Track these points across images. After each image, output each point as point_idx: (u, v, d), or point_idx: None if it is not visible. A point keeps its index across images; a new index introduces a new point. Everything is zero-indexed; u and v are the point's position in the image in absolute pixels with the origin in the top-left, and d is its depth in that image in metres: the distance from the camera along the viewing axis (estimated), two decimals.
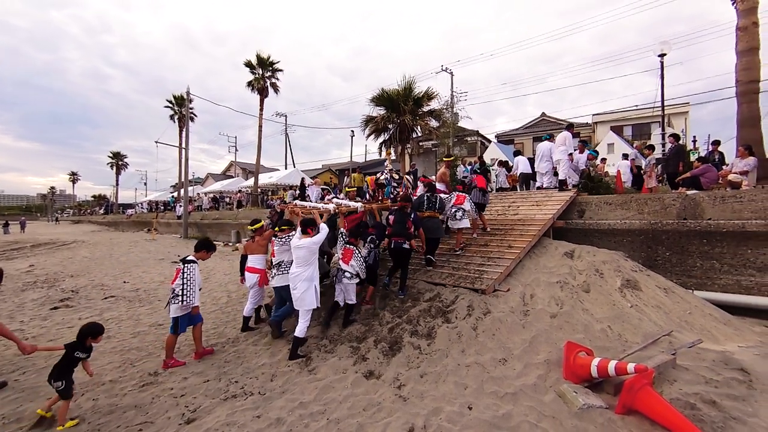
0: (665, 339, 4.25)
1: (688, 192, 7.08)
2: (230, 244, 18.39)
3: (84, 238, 24.65)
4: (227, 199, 28.04)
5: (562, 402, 3.32)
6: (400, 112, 15.51)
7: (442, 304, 5.40)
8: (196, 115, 33.47)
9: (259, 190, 25.75)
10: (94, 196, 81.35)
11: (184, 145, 24.47)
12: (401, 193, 7.38)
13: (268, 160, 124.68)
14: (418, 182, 8.92)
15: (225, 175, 47.31)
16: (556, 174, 9.60)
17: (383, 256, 6.78)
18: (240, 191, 26.29)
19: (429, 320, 5.08)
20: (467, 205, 6.76)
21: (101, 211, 54.06)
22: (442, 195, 7.07)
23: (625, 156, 12.56)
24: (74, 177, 76.23)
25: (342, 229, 5.94)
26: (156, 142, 26.14)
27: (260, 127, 25.01)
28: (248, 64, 24.04)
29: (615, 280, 5.51)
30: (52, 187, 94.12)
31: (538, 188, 10.15)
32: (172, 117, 34.30)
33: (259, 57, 23.86)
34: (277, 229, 5.49)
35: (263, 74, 24.25)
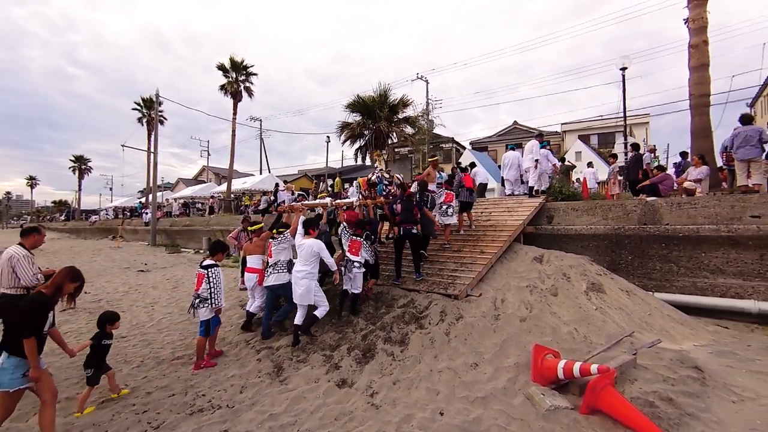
0: (627, 340, 4.43)
1: (648, 198, 7.46)
2: (201, 251, 17.84)
3: (42, 246, 23.23)
4: (199, 205, 27.20)
5: (530, 404, 3.40)
6: (375, 118, 15.63)
7: (415, 310, 5.43)
8: (166, 119, 32.51)
9: (232, 195, 25.15)
10: (54, 202, 77.07)
11: (153, 149, 23.63)
12: (393, 190, 7.80)
13: (243, 165, 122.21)
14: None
15: (197, 180, 45.96)
16: (523, 182, 10.00)
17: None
18: (212, 197, 25.55)
19: (403, 326, 5.09)
20: (455, 203, 7.35)
21: (62, 218, 51.19)
22: (433, 193, 7.59)
23: (590, 164, 13.10)
24: (33, 181, 71.82)
25: (343, 223, 6.14)
26: (123, 145, 25.13)
27: (233, 131, 24.52)
28: (221, 68, 23.56)
29: (581, 284, 5.71)
30: (8, 192, 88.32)
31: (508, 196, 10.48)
32: (140, 120, 33.13)
33: (232, 60, 23.45)
34: (274, 231, 5.66)
35: (237, 78, 23.83)
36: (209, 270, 4.79)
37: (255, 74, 24.44)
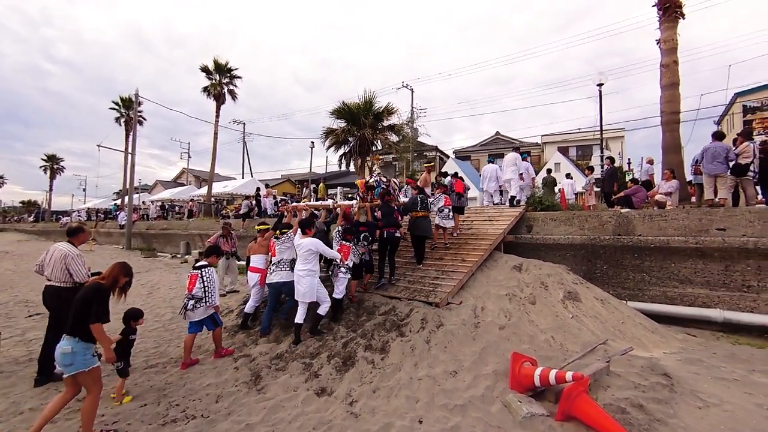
0: (601, 347, 4.56)
1: (622, 210, 7.73)
2: (178, 255, 17.39)
3: (9, 248, 22.20)
4: (177, 209, 26.55)
5: (507, 412, 3.45)
6: (360, 125, 15.65)
7: (396, 318, 5.44)
8: (145, 119, 31.72)
9: (213, 199, 24.68)
10: (22, 202, 73.63)
11: (130, 150, 22.99)
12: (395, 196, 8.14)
13: (224, 169, 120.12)
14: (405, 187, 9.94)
15: (176, 182, 44.95)
16: (501, 194, 10.45)
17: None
18: (192, 200, 25.00)
19: (383, 334, 5.09)
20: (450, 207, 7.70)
21: (30, 219, 48.97)
22: (430, 197, 7.90)
23: (569, 175, 13.50)
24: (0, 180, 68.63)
25: (339, 227, 6.28)
26: (99, 145, 24.36)
27: (215, 134, 24.11)
28: (204, 69, 23.23)
29: (558, 292, 5.85)
30: None
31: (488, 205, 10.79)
32: (117, 120, 32.15)
33: (216, 62, 23.15)
34: (277, 231, 5.87)
35: (220, 80, 23.52)
36: (203, 270, 4.91)
37: (239, 77, 24.20)
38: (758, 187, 7.11)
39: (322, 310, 5.35)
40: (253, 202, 16.71)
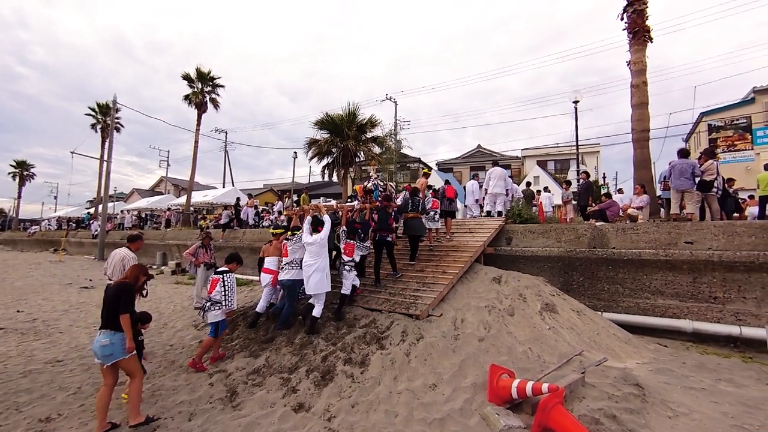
0: (577, 358, 4.65)
1: (597, 223, 7.98)
2: (154, 266, 16.86)
3: None
4: (154, 218, 25.80)
5: (485, 424, 3.46)
6: (343, 136, 15.73)
7: (377, 330, 5.42)
8: (122, 126, 30.94)
9: (192, 208, 24.14)
10: None
11: (106, 157, 22.35)
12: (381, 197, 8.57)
13: (206, 177, 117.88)
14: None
15: (153, 191, 43.82)
16: (481, 208, 10.94)
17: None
18: (169, 209, 24.38)
19: (364, 347, 5.05)
20: (438, 210, 8.28)
21: None
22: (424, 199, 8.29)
23: (546, 189, 13.86)
24: None
25: (342, 227, 6.71)
26: (72, 152, 23.59)
27: (196, 142, 23.72)
28: (186, 78, 22.94)
29: (536, 304, 5.96)
30: None
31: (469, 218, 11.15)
32: (93, 126, 31.28)
33: (198, 71, 22.92)
34: (289, 233, 6.29)
35: (203, 89, 23.26)
36: (224, 275, 5.27)
37: (221, 86, 24.00)
38: None
39: (317, 311, 5.62)
40: (233, 212, 16.43)
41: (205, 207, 25.55)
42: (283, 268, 6.07)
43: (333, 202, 7.51)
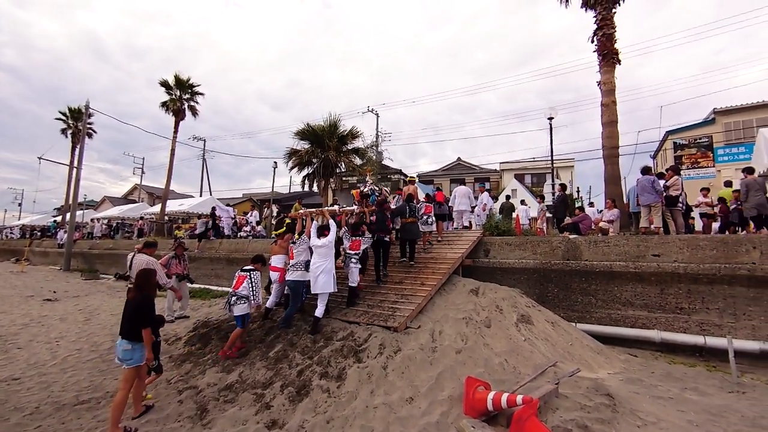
0: (551, 369, 4.72)
1: (570, 236, 8.22)
2: (126, 277, 16.19)
3: None
4: (127, 227, 24.85)
5: None
6: (324, 147, 15.73)
7: (354, 343, 5.36)
8: (95, 131, 29.99)
9: (166, 217, 23.43)
10: None
11: (76, 164, 21.52)
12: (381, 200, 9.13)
13: (183, 186, 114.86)
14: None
15: (126, 199, 42.36)
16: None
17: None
18: (142, 218, 23.57)
19: (341, 360, 4.98)
20: (432, 214, 8.80)
21: None
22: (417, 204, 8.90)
23: (523, 202, 14.20)
24: None
25: (344, 228, 7.23)
26: (40, 157, 22.60)
27: (173, 150, 23.19)
28: (164, 84, 22.51)
29: (512, 316, 6.04)
30: None
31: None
32: (64, 131, 30.15)
33: (177, 78, 22.54)
34: (297, 236, 6.65)
35: (181, 96, 22.86)
36: (251, 273, 5.77)
37: (201, 93, 23.66)
38: None
39: (319, 312, 5.96)
40: (209, 222, 16.01)
41: (180, 216, 24.85)
42: (289, 269, 6.45)
43: (336, 207, 8.19)
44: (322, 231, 6.27)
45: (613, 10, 10.87)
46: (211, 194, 31.74)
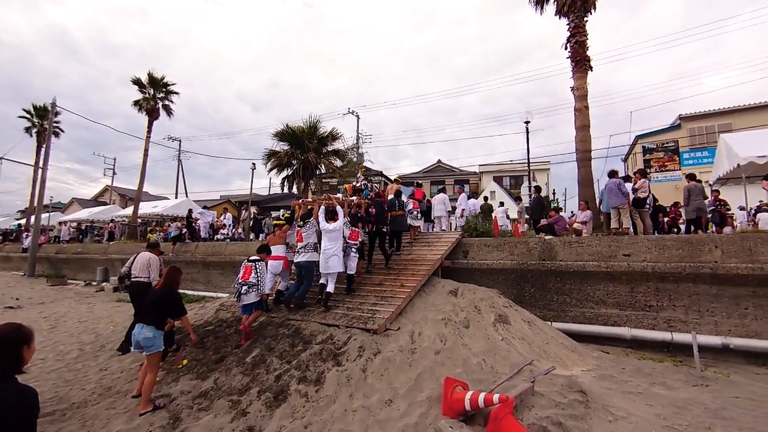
0: (527, 368, 4.81)
1: (546, 237, 8.42)
2: (94, 283, 15.56)
3: None
4: (96, 230, 23.85)
5: None
6: (304, 149, 15.59)
7: (334, 347, 5.31)
8: (62, 130, 28.71)
9: (139, 220, 22.63)
10: None
11: (42, 164, 20.52)
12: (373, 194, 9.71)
13: (157, 187, 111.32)
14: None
15: (97, 201, 40.67)
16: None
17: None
18: (113, 221, 22.69)
19: (319, 364, 4.93)
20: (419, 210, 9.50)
21: None
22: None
23: (501, 203, 14.47)
24: None
25: (346, 217, 7.36)
26: (1, 157, 21.43)
27: (146, 150, 22.44)
28: (137, 82, 21.77)
29: (490, 316, 6.13)
30: None
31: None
32: (28, 130, 28.76)
33: (151, 76, 21.85)
34: (301, 222, 6.99)
35: (155, 95, 22.17)
36: (256, 263, 6.06)
37: (176, 92, 23.02)
38: None
39: (330, 288, 6.50)
40: (184, 226, 15.57)
41: (154, 219, 24.05)
42: (299, 251, 6.76)
43: (340, 196, 8.70)
44: (331, 216, 6.71)
45: (585, 19, 11.25)
46: (187, 196, 30.86)
